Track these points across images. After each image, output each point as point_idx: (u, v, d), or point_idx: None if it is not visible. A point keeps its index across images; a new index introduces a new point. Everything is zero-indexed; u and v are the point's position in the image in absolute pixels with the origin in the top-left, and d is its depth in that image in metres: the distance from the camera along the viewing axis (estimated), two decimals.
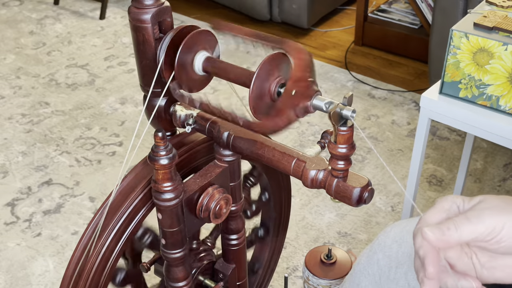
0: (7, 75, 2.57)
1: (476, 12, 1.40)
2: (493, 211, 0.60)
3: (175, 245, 0.88)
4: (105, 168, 2.05)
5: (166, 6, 0.84)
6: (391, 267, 0.92)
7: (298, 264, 1.69)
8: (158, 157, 0.77)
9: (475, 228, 0.59)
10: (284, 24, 2.89)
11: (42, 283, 1.65)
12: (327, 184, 0.77)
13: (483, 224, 0.59)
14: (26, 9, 3.07)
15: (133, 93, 2.44)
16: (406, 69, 2.59)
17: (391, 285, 0.92)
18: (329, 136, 0.83)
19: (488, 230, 0.59)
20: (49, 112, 2.34)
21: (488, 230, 0.59)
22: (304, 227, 1.81)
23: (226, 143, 0.87)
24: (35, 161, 2.08)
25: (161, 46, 0.83)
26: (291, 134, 2.18)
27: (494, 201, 0.61)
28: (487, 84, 1.35)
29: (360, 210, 1.86)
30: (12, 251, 1.75)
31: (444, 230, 0.59)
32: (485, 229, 0.59)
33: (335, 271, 1.32)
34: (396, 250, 0.93)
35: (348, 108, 0.69)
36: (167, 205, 0.82)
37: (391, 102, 2.36)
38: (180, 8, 3.07)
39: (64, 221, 1.84)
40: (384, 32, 2.66)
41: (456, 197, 0.64)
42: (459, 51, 1.35)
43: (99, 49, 2.75)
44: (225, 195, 0.89)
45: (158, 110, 0.89)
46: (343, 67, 2.60)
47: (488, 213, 0.59)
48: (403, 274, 0.91)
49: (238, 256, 1.04)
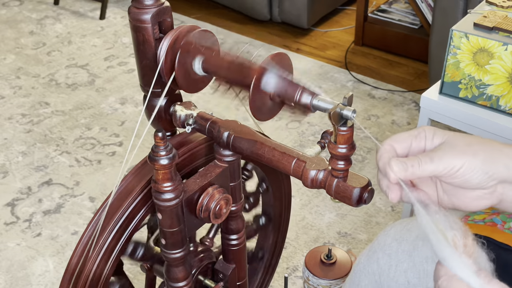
0: (7, 75, 2.57)
1: (476, 12, 1.40)
2: (454, 153, 0.67)
3: (175, 245, 0.88)
4: (105, 168, 2.05)
5: (166, 6, 0.84)
6: (391, 266, 0.93)
7: (298, 264, 1.69)
8: (158, 157, 0.77)
9: (436, 167, 0.67)
10: (284, 24, 2.89)
11: (42, 283, 1.65)
12: (327, 184, 0.77)
13: (442, 164, 0.67)
14: (26, 9, 3.07)
15: (133, 93, 2.44)
16: (406, 69, 2.59)
17: (391, 284, 0.92)
18: (329, 136, 0.83)
19: (446, 170, 0.67)
20: (49, 112, 2.34)
21: (447, 169, 0.67)
22: (304, 227, 1.81)
23: (226, 143, 0.87)
24: (35, 161, 2.08)
25: (161, 46, 0.83)
26: (291, 134, 2.18)
27: (458, 142, 0.68)
28: (487, 84, 1.35)
29: (360, 210, 1.86)
30: (12, 251, 1.75)
31: (408, 166, 0.67)
32: (443, 168, 0.67)
33: (335, 271, 1.32)
34: (395, 249, 0.93)
35: (348, 108, 0.69)
36: (167, 205, 0.82)
37: (391, 102, 2.36)
38: (180, 8, 3.07)
39: (64, 221, 1.85)
40: (384, 32, 2.66)
41: (428, 128, 0.71)
42: (459, 51, 1.35)
43: (99, 49, 2.75)
44: (225, 195, 0.89)
45: (158, 110, 0.89)
46: (343, 67, 2.60)
47: (449, 155, 0.67)
48: (402, 272, 0.91)
49: (238, 256, 1.04)
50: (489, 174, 0.67)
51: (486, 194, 0.69)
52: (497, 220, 0.89)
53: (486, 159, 0.67)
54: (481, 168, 0.67)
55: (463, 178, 0.67)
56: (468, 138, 0.69)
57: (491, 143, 0.69)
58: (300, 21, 2.77)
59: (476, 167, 0.67)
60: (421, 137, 0.70)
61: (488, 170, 0.67)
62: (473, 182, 0.67)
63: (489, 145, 0.69)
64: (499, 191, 0.69)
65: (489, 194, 0.69)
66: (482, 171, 0.67)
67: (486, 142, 0.69)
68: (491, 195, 0.69)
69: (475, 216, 0.91)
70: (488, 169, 0.67)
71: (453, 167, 0.66)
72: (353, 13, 2.94)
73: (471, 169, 0.67)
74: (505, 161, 0.68)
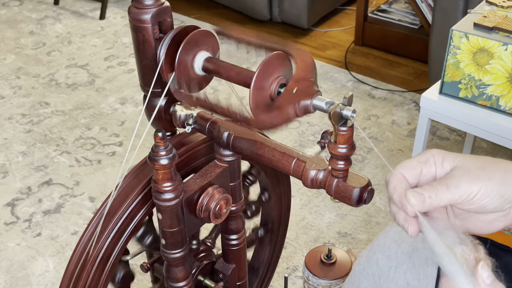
0: (7, 75, 2.57)
1: (476, 12, 1.40)
2: (470, 178, 0.65)
3: (175, 245, 0.88)
4: (105, 168, 2.05)
5: (166, 6, 0.84)
6: (390, 267, 0.92)
7: (298, 264, 1.69)
8: (158, 157, 0.77)
9: (453, 196, 0.65)
10: (284, 24, 2.89)
11: (42, 283, 1.65)
12: (327, 184, 0.77)
13: (459, 192, 0.65)
14: (26, 9, 3.07)
15: (133, 93, 2.44)
16: (406, 69, 2.59)
17: (390, 285, 0.92)
18: (329, 136, 0.83)
19: (463, 197, 0.65)
20: (49, 112, 2.34)
21: (464, 196, 0.65)
22: (304, 227, 1.81)
23: (226, 143, 0.87)
24: (35, 161, 2.08)
25: (161, 46, 0.83)
26: (291, 134, 2.18)
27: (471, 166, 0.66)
28: (487, 84, 1.35)
29: (360, 210, 1.86)
30: (12, 251, 1.75)
31: (425, 197, 0.65)
32: (460, 196, 0.65)
33: (335, 271, 1.32)
34: (395, 250, 0.93)
35: (348, 108, 0.69)
36: (167, 205, 0.82)
37: (391, 102, 2.36)
38: (180, 8, 3.07)
39: (64, 221, 1.84)
40: (384, 32, 2.66)
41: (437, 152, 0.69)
42: (459, 51, 1.35)
43: (99, 49, 2.75)
44: (225, 195, 0.89)
45: (158, 110, 0.89)
46: (343, 67, 2.60)
47: (465, 181, 0.65)
48: (402, 273, 0.91)
49: (238, 256, 1.04)
50: (505, 197, 0.65)
51: (501, 216, 0.68)
52: None
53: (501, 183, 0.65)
54: (498, 192, 0.65)
55: (480, 203, 0.65)
56: (480, 160, 0.67)
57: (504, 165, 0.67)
58: (300, 21, 2.77)
59: (492, 192, 0.65)
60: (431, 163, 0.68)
61: (504, 193, 0.65)
62: (489, 207, 0.66)
63: (503, 166, 0.67)
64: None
65: (503, 217, 0.68)
66: (498, 195, 0.65)
67: (499, 163, 0.67)
68: (505, 217, 0.68)
69: None
70: (504, 192, 0.65)
71: (470, 193, 0.65)
72: (353, 13, 2.94)
73: (488, 194, 0.65)
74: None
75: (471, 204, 0.65)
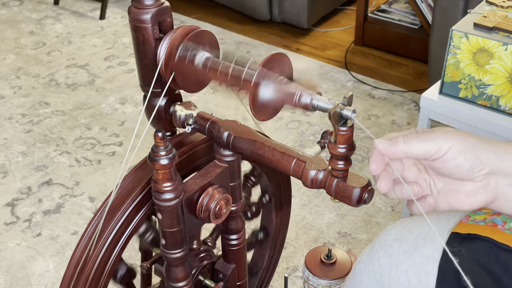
0: (7, 75, 2.57)
1: (476, 12, 1.40)
2: (443, 135, 0.66)
3: (175, 245, 0.88)
4: (105, 168, 2.05)
5: (166, 6, 0.84)
6: (391, 265, 0.93)
7: (298, 264, 1.69)
8: (158, 157, 0.77)
9: (423, 146, 0.66)
10: (284, 24, 2.89)
11: (42, 283, 1.65)
12: (327, 184, 0.77)
13: (430, 143, 0.66)
14: (26, 9, 3.07)
15: (133, 93, 2.44)
16: (406, 69, 2.59)
17: (391, 283, 0.92)
18: (329, 136, 0.83)
19: (434, 149, 0.65)
20: (49, 112, 2.34)
21: (434, 149, 0.65)
22: (304, 227, 1.81)
23: (226, 143, 0.87)
24: (35, 161, 2.09)
25: (161, 46, 0.83)
26: (291, 134, 2.18)
27: (449, 129, 0.67)
28: (487, 84, 1.35)
29: (360, 210, 1.86)
30: (12, 251, 1.75)
31: (393, 142, 0.66)
32: (431, 147, 0.65)
33: (335, 271, 1.32)
34: (396, 249, 0.93)
35: (348, 108, 0.69)
36: (167, 205, 0.82)
37: (391, 102, 2.36)
38: (180, 8, 3.07)
39: (64, 221, 1.85)
40: (384, 32, 2.66)
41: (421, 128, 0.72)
42: (459, 51, 1.35)
43: (99, 49, 2.75)
44: (225, 195, 0.89)
45: (158, 110, 0.89)
46: (343, 67, 2.60)
47: (437, 135, 0.66)
48: (403, 271, 0.91)
49: (238, 256, 1.04)
50: (480, 159, 0.66)
51: (480, 188, 0.68)
52: (497, 221, 0.88)
53: (476, 144, 0.66)
54: (471, 151, 0.66)
55: (454, 161, 0.66)
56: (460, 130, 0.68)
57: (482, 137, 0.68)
58: (300, 21, 2.77)
59: (465, 150, 0.65)
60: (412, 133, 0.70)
61: (479, 155, 0.66)
62: (464, 167, 0.66)
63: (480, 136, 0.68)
64: (493, 184, 0.68)
65: (482, 188, 0.68)
66: (472, 155, 0.65)
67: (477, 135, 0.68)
68: (485, 189, 0.68)
69: (475, 216, 0.91)
70: (478, 154, 0.66)
71: (441, 147, 0.65)
72: (353, 13, 2.94)
73: (460, 151, 0.65)
74: (497, 151, 0.67)
75: (445, 161, 0.66)
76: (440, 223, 0.92)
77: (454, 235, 0.88)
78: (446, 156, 0.66)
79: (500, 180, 0.68)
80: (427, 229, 0.92)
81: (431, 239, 0.90)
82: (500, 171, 0.67)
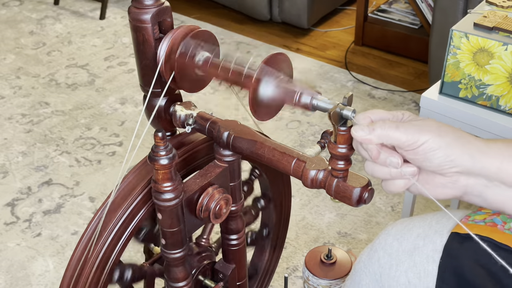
0: (7, 75, 2.57)
1: (476, 12, 1.40)
2: (421, 129, 0.67)
3: (175, 245, 0.88)
4: (105, 168, 2.05)
5: (166, 6, 0.84)
6: (391, 265, 0.93)
7: (298, 264, 1.69)
8: (158, 157, 0.77)
9: (399, 136, 0.67)
10: (284, 24, 2.89)
11: (42, 283, 1.65)
12: (327, 184, 0.77)
13: (406, 135, 0.67)
14: (26, 9, 3.07)
15: (133, 93, 2.44)
16: (406, 69, 2.59)
17: (391, 283, 0.93)
18: (329, 136, 0.83)
19: (408, 142, 0.67)
20: (49, 112, 2.34)
21: (409, 142, 0.67)
22: (304, 227, 1.81)
23: (226, 143, 0.87)
24: (35, 161, 2.08)
25: (161, 46, 0.83)
26: (291, 134, 2.18)
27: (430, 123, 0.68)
28: (487, 84, 1.35)
29: (360, 210, 1.86)
30: (12, 251, 1.75)
31: (370, 130, 0.68)
32: (406, 139, 0.67)
33: (335, 271, 1.32)
34: (396, 248, 0.93)
35: (348, 108, 0.69)
36: (167, 205, 0.82)
37: (391, 102, 2.36)
38: (180, 8, 3.07)
39: (64, 221, 1.84)
40: (384, 32, 2.66)
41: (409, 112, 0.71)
42: (459, 51, 1.35)
43: (99, 49, 2.75)
44: (225, 195, 0.89)
45: (158, 110, 0.89)
46: (343, 67, 2.60)
47: (415, 129, 0.67)
48: (403, 271, 0.91)
49: (238, 256, 1.04)
50: (451, 158, 0.66)
51: (449, 183, 0.69)
52: (497, 221, 0.89)
53: (451, 143, 0.67)
54: (444, 150, 0.66)
55: (424, 155, 0.67)
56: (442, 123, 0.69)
57: (463, 133, 0.68)
58: (300, 21, 2.77)
59: (439, 148, 0.66)
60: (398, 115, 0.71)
61: (450, 154, 0.66)
62: (433, 162, 0.67)
63: (460, 133, 0.68)
64: (463, 182, 0.68)
65: (451, 184, 0.69)
66: (444, 153, 0.66)
67: (458, 131, 0.68)
68: (453, 184, 0.69)
69: (475, 216, 0.91)
70: (451, 153, 0.66)
71: (416, 140, 0.66)
72: (353, 13, 2.94)
73: (433, 148, 0.66)
74: (472, 152, 0.67)
75: (417, 153, 0.67)
76: (441, 223, 0.92)
77: (454, 235, 0.88)
78: (417, 150, 0.67)
79: (471, 179, 0.68)
80: (427, 229, 0.92)
81: (431, 239, 0.91)
82: (471, 171, 0.68)
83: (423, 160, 0.67)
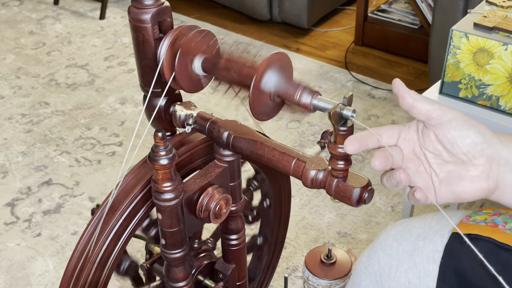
0: (7, 75, 2.57)
1: (476, 12, 1.40)
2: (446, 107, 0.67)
3: (175, 245, 0.87)
4: (105, 168, 2.05)
5: (166, 6, 0.84)
6: (391, 266, 0.93)
7: (298, 264, 1.69)
8: (158, 157, 0.77)
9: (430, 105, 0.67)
10: (284, 24, 2.89)
11: (42, 283, 1.65)
12: (327, 184, 0.77)
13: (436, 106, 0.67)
14: (26, 9, 3.07)
15: (133, 93, 2.44)
16: (406, 69, 2.59)
17: (391, 284, 0.92)
18: (329, 136, 0.83)
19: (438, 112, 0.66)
20: (49, 112, 2.34)
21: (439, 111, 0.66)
22: (304, 227, 1.81)
23: (226, 143, 0.87)
24: (35, 161, 2.08)
25: (161, 46, 0.83)
26: (291, 134, 2.18)
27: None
28: (487, 84, 1.35)
29: (360, 210, 1.86)
30: (12, 251, 1.75)
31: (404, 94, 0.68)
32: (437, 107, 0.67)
33: (335, 271, 1.32)
34: (396, 249, 0.93)
35: (348, 108, 0.69)
36: (167, 205, 0.82)
37: (391, 102, 2.36)
38: (180, 8, 3.07)
39: (64, 221, 1.84)
40: (384, 32, 2.66)
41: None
42: (459, 51, 1.35)
43: (99, 49, 2.75)
44: (225, 195, 0.89)
45: (158, 110, 0.89)
46: (343, 67, 2.60)
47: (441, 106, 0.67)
48: (403, 272, 0.91)
49: (238, 256, 1.04)
50: (485, 136, 0.66)
51: (482, 174, 0.67)
52: (498, 221, 0.88)
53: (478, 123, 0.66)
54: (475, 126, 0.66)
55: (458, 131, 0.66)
56: None
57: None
58: (300, 21, 2.77)
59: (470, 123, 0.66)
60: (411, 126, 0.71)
61: (483, 132, 0.66)
62: (466, 140, 0.66)
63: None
64: (494, 171, 0.67)
65: (485, 175, 0.67)
66: (476, 129, 0.66)
67: None
68: (487, 175, 0.67)
69: (476, 217, 0.91)
70: (483, 131, 0.66)
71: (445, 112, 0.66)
72: (353, 13, 2.94)
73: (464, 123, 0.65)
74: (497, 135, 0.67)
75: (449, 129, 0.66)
76: (441, 223, 0.92)
77: (455, 235, 0.88)
78: (451, 124, 0.66)
79: (500, 166, 0.67)
80: (427, 229, 0.92)
81: (431, 239, 0.90)
82: (501, 156, 0.67)
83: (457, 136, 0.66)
